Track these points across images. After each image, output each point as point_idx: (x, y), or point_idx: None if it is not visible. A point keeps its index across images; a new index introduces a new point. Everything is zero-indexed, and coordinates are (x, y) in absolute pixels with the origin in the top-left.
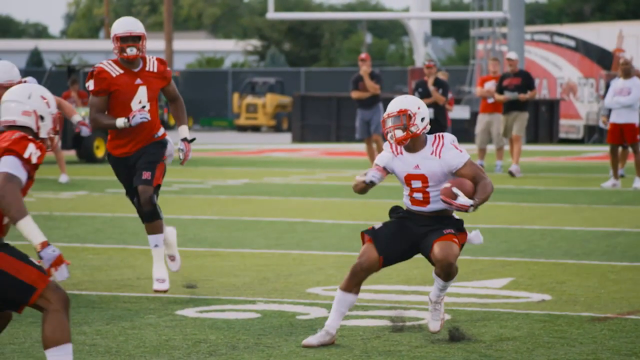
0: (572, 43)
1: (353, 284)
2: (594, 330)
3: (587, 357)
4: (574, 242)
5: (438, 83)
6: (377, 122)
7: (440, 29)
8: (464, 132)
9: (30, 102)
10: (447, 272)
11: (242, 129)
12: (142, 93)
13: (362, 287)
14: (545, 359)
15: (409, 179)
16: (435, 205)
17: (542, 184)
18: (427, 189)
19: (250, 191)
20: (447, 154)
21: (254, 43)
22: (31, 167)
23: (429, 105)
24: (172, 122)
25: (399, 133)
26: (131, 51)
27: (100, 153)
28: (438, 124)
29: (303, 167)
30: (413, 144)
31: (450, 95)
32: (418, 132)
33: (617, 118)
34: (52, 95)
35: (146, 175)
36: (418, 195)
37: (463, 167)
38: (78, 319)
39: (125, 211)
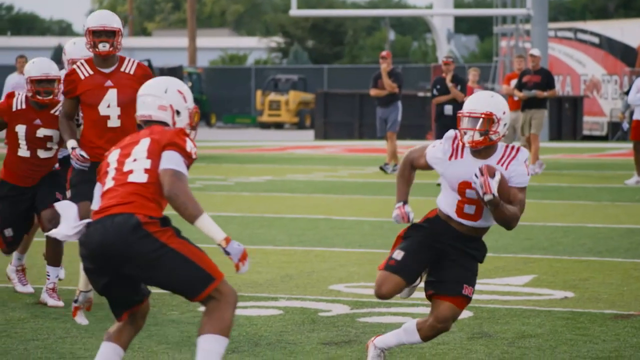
0: (595, 40)
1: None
2: (616, 328)
3: (609, 354)
4: (597, 239)
5: (456, 80)
6: (393, 120)
7: (463, 25)
8: None
9: (167, 97)
10: (433, 335)
11: (265, 126)
12: (111, 96)
13: None
14: (567, 356)
15: (464, 187)
16: (485, 222)
17: (565, 181)
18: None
19: (273, 188)
20: (515, 168)
21: (277, 40)
22: (189, 163)
23: (447, 103)
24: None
25: (477, 137)
26: (104, 47)
27: None
28: (456, 120)
29: (326, 164)
30: (485, 149)
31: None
32: (497, 139)
33: None
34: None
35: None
36: (470, 209)
37: (519, 190)
38: (101, 316)
39: None
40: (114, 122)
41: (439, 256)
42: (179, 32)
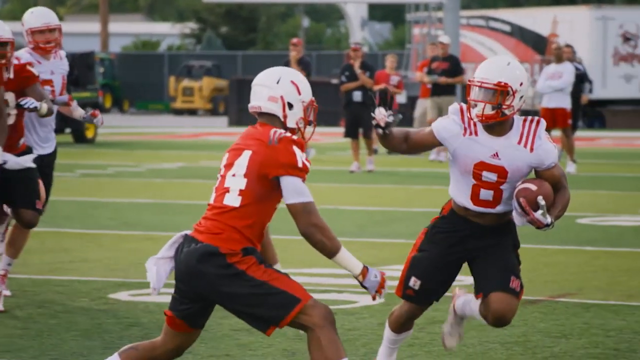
0: (507, 28)
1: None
2: (525, 313)
3: (517, 339)
4: None
5: (365, 66)
6: None
7: (377, 13)
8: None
9: (278, 87)
10: (499, 326)
11: (179, 112)
12: None
13: (296, 270)
14: (476, 342)
15: (480, 168)
16: (504, 207)
17: None
18: (502, 186)
19: (186, 174)
20: (542, 147)
21: (191, 26)
22: (304, 176)
23: (356, 89)
24: (107, 104)
25: (488, 110)
26: None
27: (90, 134)
28: (366, 107)
29: None
30: (499, 125)
31: (398, 78)
32: (511, 114)
33: (549, 102)
34: (304, 80)
35: (39, 205)
36: (487, 194)
37: (554, 167)
38: (10, 303)
39: (58, 195)
40: None
41: (470, 258)
42: (91, 17)
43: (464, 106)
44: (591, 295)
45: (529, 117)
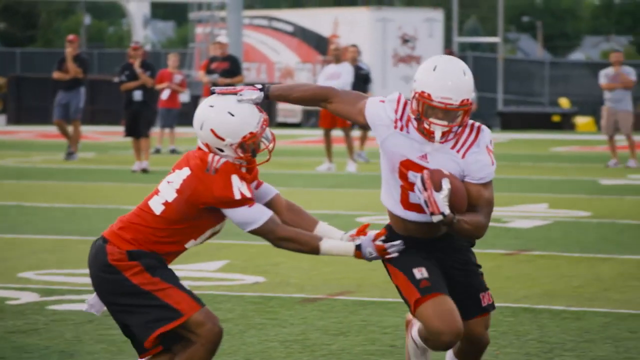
0: (290, 28)
1: None
2: (304, 311)
3: (296, 337)
4: None
5: (145, 65)
6: (75, 106)
7: (160, 11)
8: (185, 115)
9: (202, 134)
10: (481, 352)
11: None
12: None
13: (76, 270)
14: (256, 340)
15: (406, 167)
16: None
17: (260, 168)
18: None
19: None
20: (475, 156)
21: None
22: (250, 202)
23: (137, 88)
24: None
25: (445, 129)
26: None
27: None
28: (147, 106)
29: (18, 150)
30: None
31: (181, 77)
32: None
33: None
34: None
35: None
36: (417, 197)
37: (485, 186)
38: None
39: None
40: None
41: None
42: None
43: (402, 97)
44: (369, 293)
45: (470, 122)
